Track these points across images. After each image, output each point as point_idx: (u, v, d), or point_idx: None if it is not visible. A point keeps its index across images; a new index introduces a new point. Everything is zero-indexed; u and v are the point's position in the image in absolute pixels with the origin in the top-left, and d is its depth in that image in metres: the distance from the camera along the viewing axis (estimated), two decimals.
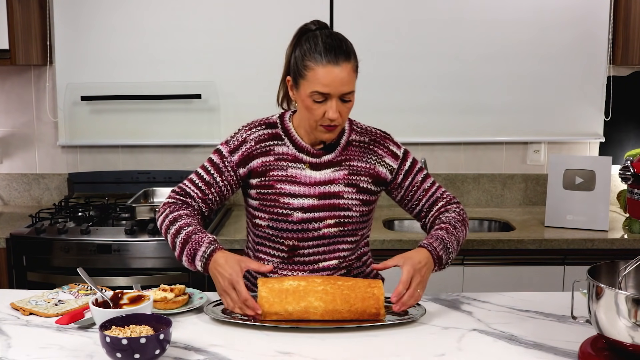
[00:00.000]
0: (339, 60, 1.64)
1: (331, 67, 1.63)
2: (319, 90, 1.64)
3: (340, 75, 1.63)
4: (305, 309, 1.57)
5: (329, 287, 1.59)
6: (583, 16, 3.06)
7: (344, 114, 1.70)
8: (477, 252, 2.65)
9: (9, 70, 3.19)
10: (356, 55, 1.70)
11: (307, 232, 1.76)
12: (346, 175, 1.78)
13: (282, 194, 1.75)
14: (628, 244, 2.66)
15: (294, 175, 1.76)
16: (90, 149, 3.24)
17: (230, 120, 3.12)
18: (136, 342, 1.32)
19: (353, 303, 1.58)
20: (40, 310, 1.67)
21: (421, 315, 1.62)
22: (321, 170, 1.77)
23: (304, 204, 1.75)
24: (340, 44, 1.66)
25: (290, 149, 1.78)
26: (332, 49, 1.65)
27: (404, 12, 3.09)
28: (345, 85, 1.65)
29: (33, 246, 2.65)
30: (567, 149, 3.20)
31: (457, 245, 1.76)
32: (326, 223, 1.75)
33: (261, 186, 1.78)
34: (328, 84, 1.63)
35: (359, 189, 1.78)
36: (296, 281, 1.61)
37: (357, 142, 1.81)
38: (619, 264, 1.42)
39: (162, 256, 2.60)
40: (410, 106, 3.14)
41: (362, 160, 1.80)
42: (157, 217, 1.81)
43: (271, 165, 1.78)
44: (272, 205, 1.76)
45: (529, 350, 1.45)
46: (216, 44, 3.12)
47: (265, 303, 1.58)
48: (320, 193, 1.76)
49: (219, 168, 1.81)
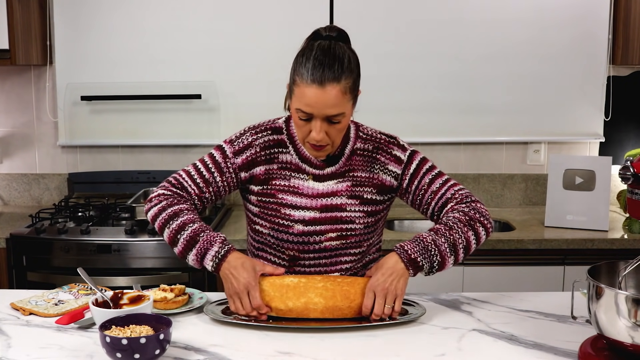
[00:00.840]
0: (324, 81, 1.53)
1: (315, 88, 1.54)
2: (302, 109, 1.57)
3: (323, 98, 1.54)
4: (305, 305, 1.58)
5: (329, 284, 1.60)
6: (583, 16, 3.06)
7: (333, 136, 1.62)
8: (477, 252, 2.61)
9: (9, 70, 3.19)
10: (353, 73, 1.58)
11: (308, 245, 1.72)
12: (349, 187, 1.72)
13: (284, 205, 1.71)
14: (628, 244, 2.66)
15: (296, 185, 1.71)
16: (90, 149, 3.24)
17: (230, 120, 3.12)
18: (136, 342, 1.32)
19: (353, 299, 1.58)
20: (40, 310, 1.66)
21: (421, 314, 1.62)
22: (324, 181, 1.72)
23: (305, 217, 1.70)
24: (332, 62, 1.55)
25: (294, 157, 1.73)
26: (321, 67, 1.54)
27: (404, 12, 3.09)
28: (331, 107, 1.55)
29: (33, 246, 2.65)
30: (567, 149, 3.20)
31: (452, 246, 1.63)
32: (328, 236, 1.71)
33: (263, 194, 1.74)
34: (311, 104, 1.55)
35: (363, 201, 1.73)
36: (297, 278, 1.62)
37: (361, 151, 1.74)
38: (619, 264, 1.42)
39: (162, 256, 2.60)
40: (410, 106, 3.14)
41: (366, 170, 1.74)
42: (149, 208, 1.71)
43: (274, 174, 1.73)
44: (273, 215, 1.72)
45: (529, 350, 1.45)
46: (216, 44, 3.12)
47: (265, 297, 1.59)
48: (322, 205, 1.71)
49: (220, 167, 1.74)
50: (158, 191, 1.74)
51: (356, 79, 1.61)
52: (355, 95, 1.63)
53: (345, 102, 1.58)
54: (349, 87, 1.57)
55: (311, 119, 1.58)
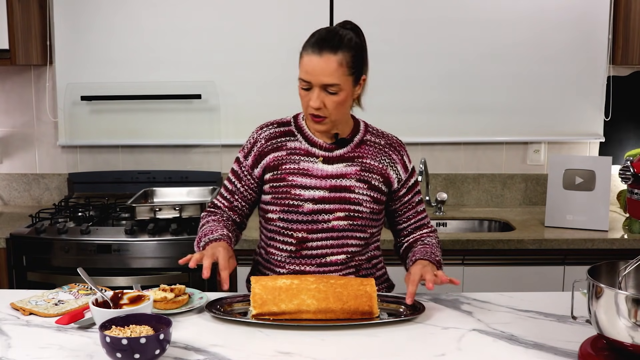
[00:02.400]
0: (322, 51, 1.67)
1: (313, 56, 1.68)
2: (302, 77, 1.71)
3: (320, 65, 1.67)
4: (298, 307, 1.57)
5: (322, 286, 1.60)
6: (583, 16, 3.06)
7: (330, 107, 1.71)
8: (477, 252, 2.66)
9: (9, 70, 3.19)
10: (352, 50, 1.70)
11: (317, 224, 1.77)
12: (358, 171, 1.80)
13: (294, 186, 1.78)
14: (628, 244, 2.66)
15: (306, 168, 1.79)
16: (90, 149, 3.24)
17: (230, 120, 3.12)
18: (136, 342, 1.32)
19: (346, 301, 1.58)
20: (40, 310, 1.66)
21: (420, 313, 1.62)
22: (334, 164, 1.80)
23: (314, 196, 1.77)
24: (332, 37, 1.69)
25: (303, 144, 1.82)
26: (321, 40, 1.69)
27: (404, 12, 3.09)
28: (327, 76, 1.67)
29: (33, 246, 2.65)
30: (567, 149, 3.20)
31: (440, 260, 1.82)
32: (336, 215, 1.77)
33: (274, 180, 1.81)
34: (309, 71, 1.68)
35: (370, 186, 1.80)
36: (289, 279, 1.63)
37: (371, 142, 1.85)
38: (619, 264, 1.42)
39: (162, 256, 2.60)
40: (410, 106, 3.14)
41: (375, 160, 1.83)
42: None
43: (283, 159, 1.81)
44: (283, 197, 1.78)
45: (529, 350, 1.45)
46: (216, 44, 3.12)
47: (258, 300, 1.58)
48: (331, 186, 1.78)
49: (237, 175, 1.86)
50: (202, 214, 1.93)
51: (357, 59, 1.72)
52: (356, 75, 1.73)
53: (342, 75, 1.69)
54: (345, 62, 1.69)
55: (310, 89, 1.70)
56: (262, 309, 1.58)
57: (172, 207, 2.70)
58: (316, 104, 1.69)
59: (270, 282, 1.62)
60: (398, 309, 1.67)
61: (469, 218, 3.07)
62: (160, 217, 2.68)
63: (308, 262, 1.80)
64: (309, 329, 1.56)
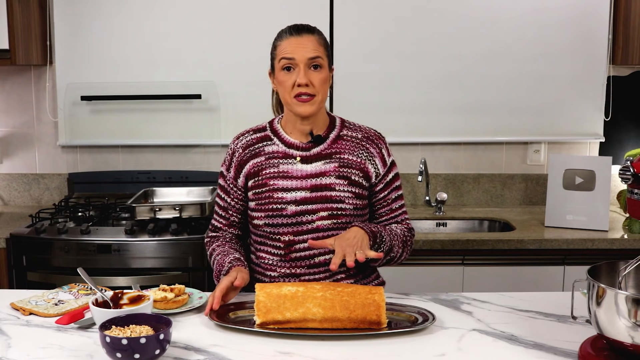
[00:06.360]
0: (301, 32, 1.74)
1: (294, 38, 1.74)
2: (285, 56, 1.73)
3: (302, 43, 1.72)
4: (304, 315, 1.53)
5: (328, 294, 1.56)
6: (583, 16, 3.06)
7: (316, 83, 1.73)
8: (477, 252, 2.65)
9: (9, 70, 3.19)
10: (324, 39, 1.78)
11: (302, 225, 1.77)
12: (337, 167, 1.80)
13: (276, 189, 1.79)
14: (628, 244, 2.66)
15: (285, 170, 1.80)
16: (90, 149, 3.24)
17: (230, 120, 3.12)
18: (136, 342, 1.32)
19: (353, 310, 1.53)
20: (40, 310, 1.67)
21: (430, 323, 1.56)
22: (312, 162, 1.80)
23: (296, 197, 1.78)
24: (305, 25, 1.77)
25: (280, 146, 1.83)
26: (296, 26, 1.77)
27: (404, 12, 3.09)
28: (310, 51, 1.72)
29: (33, 246, 2.65)
30: (567, 149, 3.20)
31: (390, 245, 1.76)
32: (319, 215, 1.77)
33: (256, 186, 1.81)
34: (292, 50, 1.72)
35: (351, 182, 1.80)
36: (295, 287, 1.58)
37: (348, 137, 1.85)
38: (619, 264, 1.42)
39: (162, 256, 2.60)
40: (410, 106, 3.14)
41: (353, 154, 1.82)
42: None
43: (263, 165, 1.83)
44: (267, 202, 1.79)
45: (529, 350, 1.45)
46: (216, 44, 3.12)
47: (262, 308, 1.54)
48: (312, 185, 1.78)
49: (225, 189, 1.88)
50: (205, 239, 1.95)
51: (328, 46, 1.79)
52: (329, 60, 1.78)
53: (323, 51, 1.75)
54: (322, 42, 1.77)
55: (294, 69, 1.73)
56: (267, 317, 1.53)
57: (172, 207, 2.70)
58: (304, 80, 1.71)
59: (275, 289, 1.57)
60: (410, 318, 1.61)
61: (469, 218, 3.07)
62: (160, 217, 2.68)
63: (298, 265, 1.80)
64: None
